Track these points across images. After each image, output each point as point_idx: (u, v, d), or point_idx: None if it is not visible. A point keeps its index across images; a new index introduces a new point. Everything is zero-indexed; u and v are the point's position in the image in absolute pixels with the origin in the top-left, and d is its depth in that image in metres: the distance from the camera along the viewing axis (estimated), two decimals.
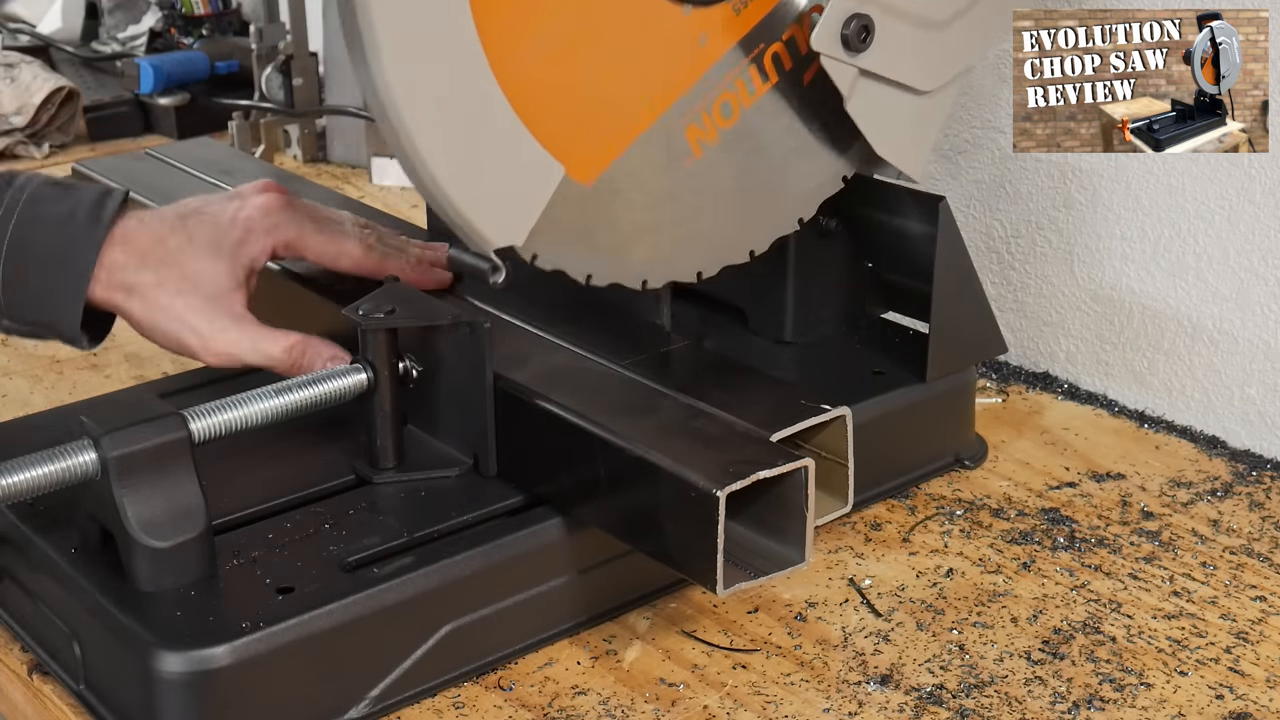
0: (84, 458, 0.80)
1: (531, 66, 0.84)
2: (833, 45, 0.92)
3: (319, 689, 0.80)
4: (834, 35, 0.92)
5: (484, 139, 0.82)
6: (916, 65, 0.97)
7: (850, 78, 0.94)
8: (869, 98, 0.95)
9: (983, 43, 0.99)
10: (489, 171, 0.82)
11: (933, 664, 0.86)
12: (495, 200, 0.83)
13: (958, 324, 1.03)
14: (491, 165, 0.82)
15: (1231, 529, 0.99)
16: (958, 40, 0.98)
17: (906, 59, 0.96)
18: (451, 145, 0.80)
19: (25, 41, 2.09)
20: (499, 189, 0.83)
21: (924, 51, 0.96)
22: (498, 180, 0.83)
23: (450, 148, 0.80)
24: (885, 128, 0.97)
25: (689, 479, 0.79)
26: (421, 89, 0.79)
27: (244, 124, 1.74)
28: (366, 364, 0.90)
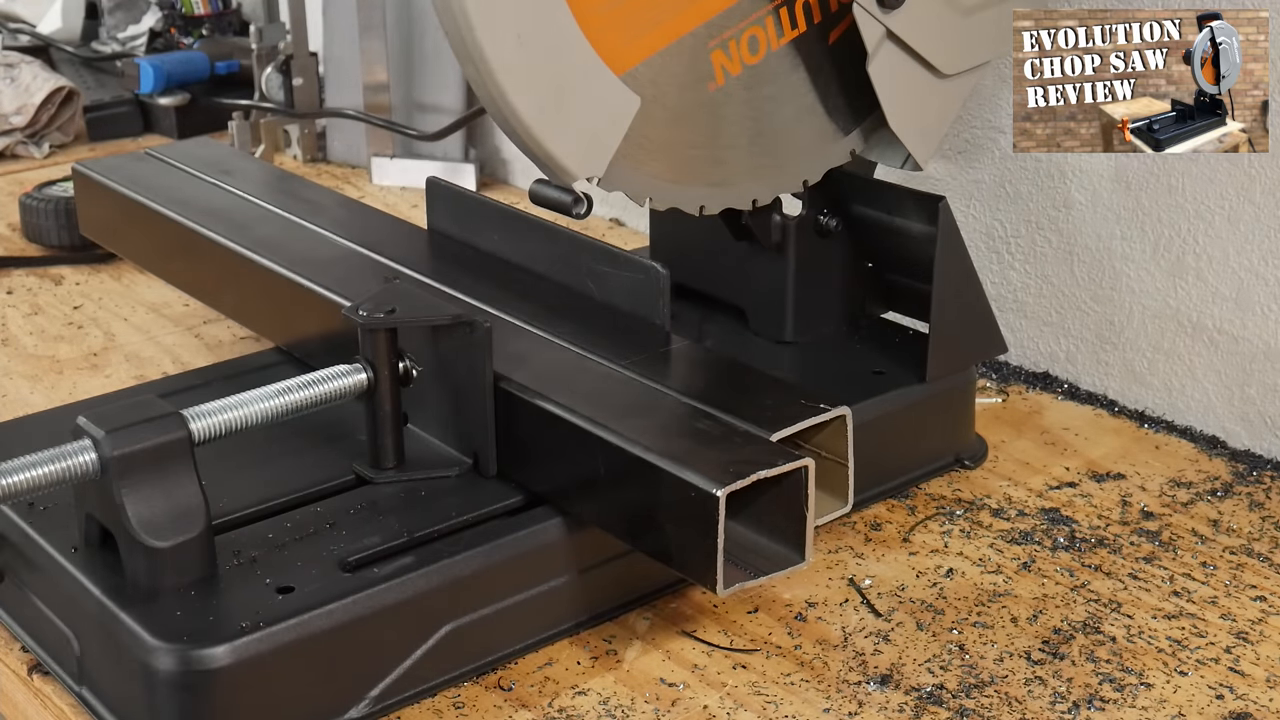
0: (84, 458, 0.80)
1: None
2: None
3: (319, 689, 0.80)
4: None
5: (563, 72, 0.83)
6: (941, 44, 0.98)
7: (878, 36, 0.95)
8: (891, 64, 0.97)
9: (1005, 39, 1.00)
10: (569, 105, 0.83)
11: (933, 664, 0.86)
12: (576, 133, 0.84)
13: (958, 324, 1.03)
14: (571, 99, 0.83)
15: (1231, 529, 0.99)
16: (983, 30, 0.99)
17: (933, 35, 0.97)
18: (532, 80, 0.82)
19: (25, 41, 2.09)
20: (579, 122, 0.84)
21: (950, 32, 0.98)
22: (578, 113, 0.84)
23: (531, 83, 0.81)
24: (901, 101, 0.98)
25: (689, 479, 0.79)
26: (501, 25, 0.80)
27: (244, 124, 1.74)
28: (366, 364, 0.90)
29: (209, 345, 1.29)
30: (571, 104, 0.83)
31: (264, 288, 1.10)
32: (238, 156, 1.42)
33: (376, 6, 1.67)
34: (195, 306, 1.34)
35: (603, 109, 0.85)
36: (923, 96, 0.99)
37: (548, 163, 0.85)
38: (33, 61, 1.84)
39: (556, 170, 0.85)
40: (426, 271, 1.08)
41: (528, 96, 0.82)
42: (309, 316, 1.04)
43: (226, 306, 1.21)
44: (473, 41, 0.80)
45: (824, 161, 1.00)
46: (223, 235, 1.15)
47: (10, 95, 1.77)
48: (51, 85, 1.78)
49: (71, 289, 1.42)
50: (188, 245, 1.18)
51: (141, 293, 1.40)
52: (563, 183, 0.86)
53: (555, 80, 0.83)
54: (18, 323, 1.34)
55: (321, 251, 1.12)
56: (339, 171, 1.75)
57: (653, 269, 0.96)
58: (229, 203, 1.23)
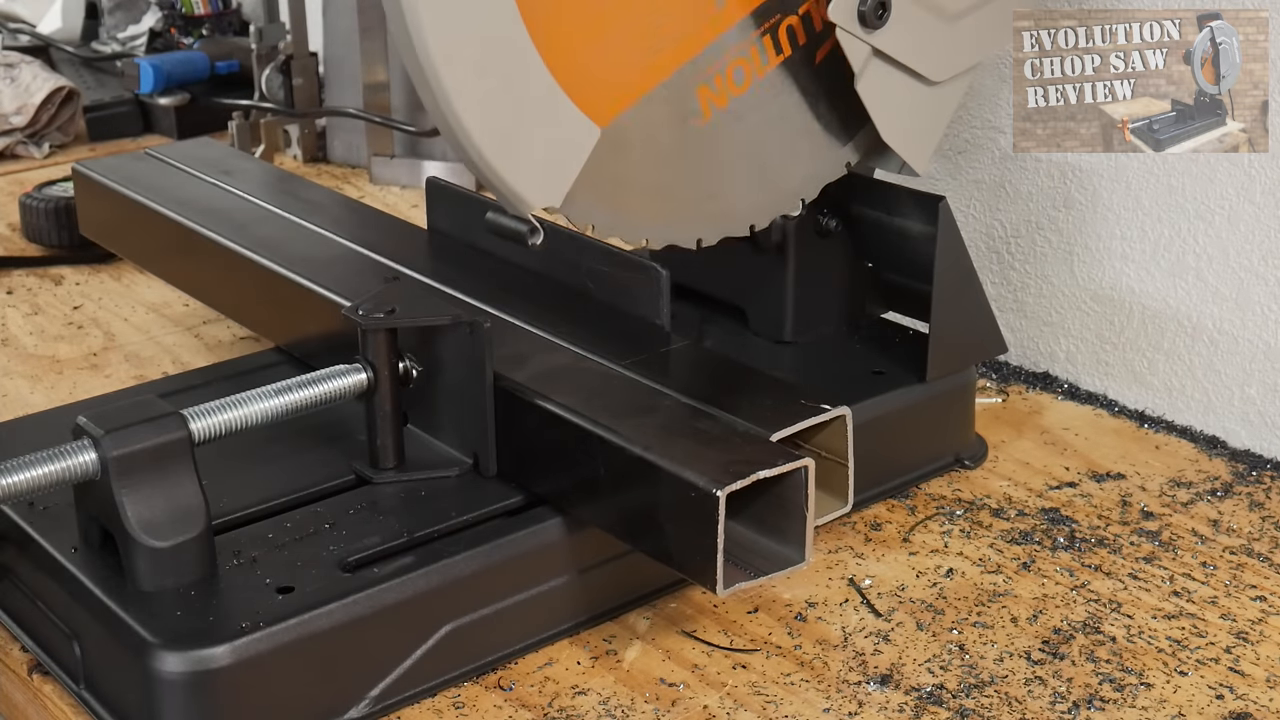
0: (84, 458, 0.80)
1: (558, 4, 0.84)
2: (849, 19, 0.93)
3: (319, 689, 0.80)
4: (851, 9, 0.92)
5: (521, 101, 0.82)
6: (929, 54, 0.97)
7: (863, 55, 0.95)
8: (879, 80, 0.96)
9: (995, 40, 1.00)
10: (526, 134, 0.83)
11: (933, 664, 0.86)
12: (533, 162, 0.83)
13: (958, 324, 1.03)
14: (529, 127, 0.83)
15: (1231, 529, 0.99)
16: (971, 34, 0.98)
17: (919, 45, 0.96)
18: (490, 109, 0.81)
19: (25, 41, 2.09)
20: (536, 151, 0.83)
21: (937, 41, 0.97)
22: (535, 142, 0.83)
23: (488, 111, 0.81)
24: (893, 113, 0.98)
25: (689, 479, 0.79)
26: (460, 53, 0.79)
27: (244, 124, 1.74)
28: (366, 364, 0.90)
29: (209, 345, 1.29)
30: (529, 133, 0.82)
31: (264, 288, 1.10)
32: (238, 156, 1.42)
33: (376, 6, 1.67)
34: (195, 306, 1.34)
35: (561, 139, 0.84)
36: (914, 106, 0.98)
37: (503, 191, 0.83)
38: (33, 61, 1.84)
39: (512, 199, 0.84)
40: (426, 271, 1.08)
41: (484, 125, 0.81)
42: (309, 316, 1.04)
43: (226, 306, 1.21)
44: (430, 69, 0.78)
45: (820, 178, 1.00)
46: (223, 235, 1.15)
47: (10, 95, 1.77)
48: (51, 85, 1.78)
49: (71, 289, 1.42)
50: (188, 245, 1.18)
51: (141, 293, 1.40)
52: (518, 212, 0.85)
53: (513, 109, 0.82)
54: (18, 323, 1.34)
55: (321, 251, 1.12)
56: (339, 171, 1.75)
57: (653, 269, 0.96)
58: (229, 203, 1.23)
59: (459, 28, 0.79)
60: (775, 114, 0.96)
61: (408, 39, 0.78)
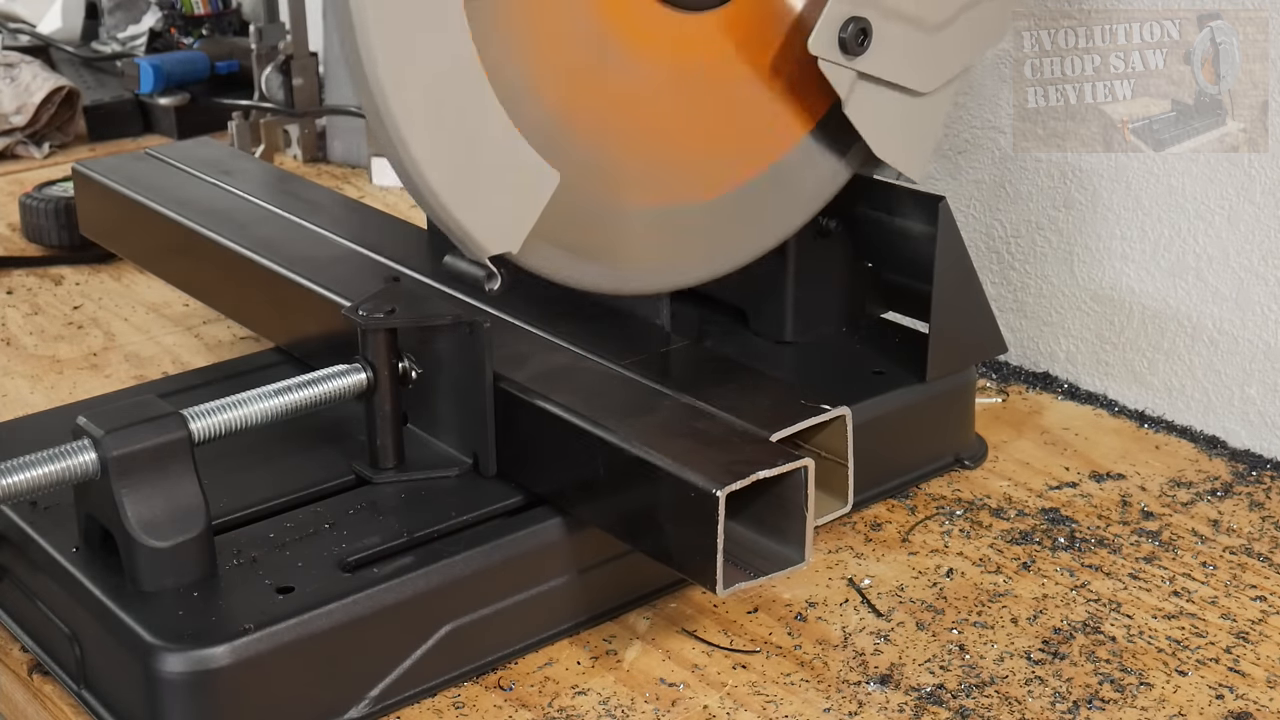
0: (84, 458, 0.80)
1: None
2: (830, 49, 0.92)
3: (319, 689, 0.80)
4: (831, 39, 0.92)
5: (479, 145, 0.81)
6: (915, 67, 0.96)
7: (848, 81, 0.94)
8: (867, 100, 0.95)
9: (981, 43, 0.99)
10: (484, 178, 0.82)
11: (933, 664, 0.86)
12: (490, 207, 0.82)
13: (958, 324, 1.03)
14: (487, 172, 0.82)
15: (1231, 529, 0.99)
16: (956, 41, 0.97)
17: (904, 61, 0.96)
18: (447, 152, 0.80)
19: (25, 41, 2.09)
20: (494, 196, 0.82)
21: (922, 53, 0.96)
22: (493, 187, 0.82)
23: (445, 154, 0.80)
24: (884, 130, 0.97)
25: (689, 479, 0.79)
26: (417, 95, 0.78)
27: (244, 124, 1.74)
28: (366, 364, 0.90)
29: (209, 345, 1.29)
30: (487, 177, 0.81)
31: (264, 288, 1.10)
32: (238, 156, 1.42)
33: None
34: (195, 306, 1.34)
35: (520, 183, 0.83)
36: (905, 119, 0.98)
37: (460, 235, 0.82)
38: (33, 61, 1.84)
39: (469, 243, 0.83)
40: (426, 271, 1.08)
41: (441, 168, 0.80)
42: (309, 316, 1.04)
43: (226, 306, 1.21)
44: (386, 110, 0.77)
45: (821, 198, 1.00)
46: (223, 235, 1.15)
47: (10, 95, 1.77)
48: (51, 85, 1.78)
49: (71, 289, 1.42)
50: (188, 245, 1.18)
51: (141, 293, 1.40)
52: (475, 256, 0.84)
53: (470, 153, 0.81)
54: (18, 323, 1.34)
55: (321, 251, 1.12)
56: (339, 171, 1.75)
57: None
58: (229, 203, 1.23)
59: (415, 72, 0.78)
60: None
61: (364, 80, 0.77)
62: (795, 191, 0.98)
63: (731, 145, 0.96)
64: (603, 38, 0.87)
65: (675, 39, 0.90)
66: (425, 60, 0.78)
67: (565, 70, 0.86)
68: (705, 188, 0.95)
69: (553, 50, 0.85)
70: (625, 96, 0.89)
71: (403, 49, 0.77)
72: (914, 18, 0.95)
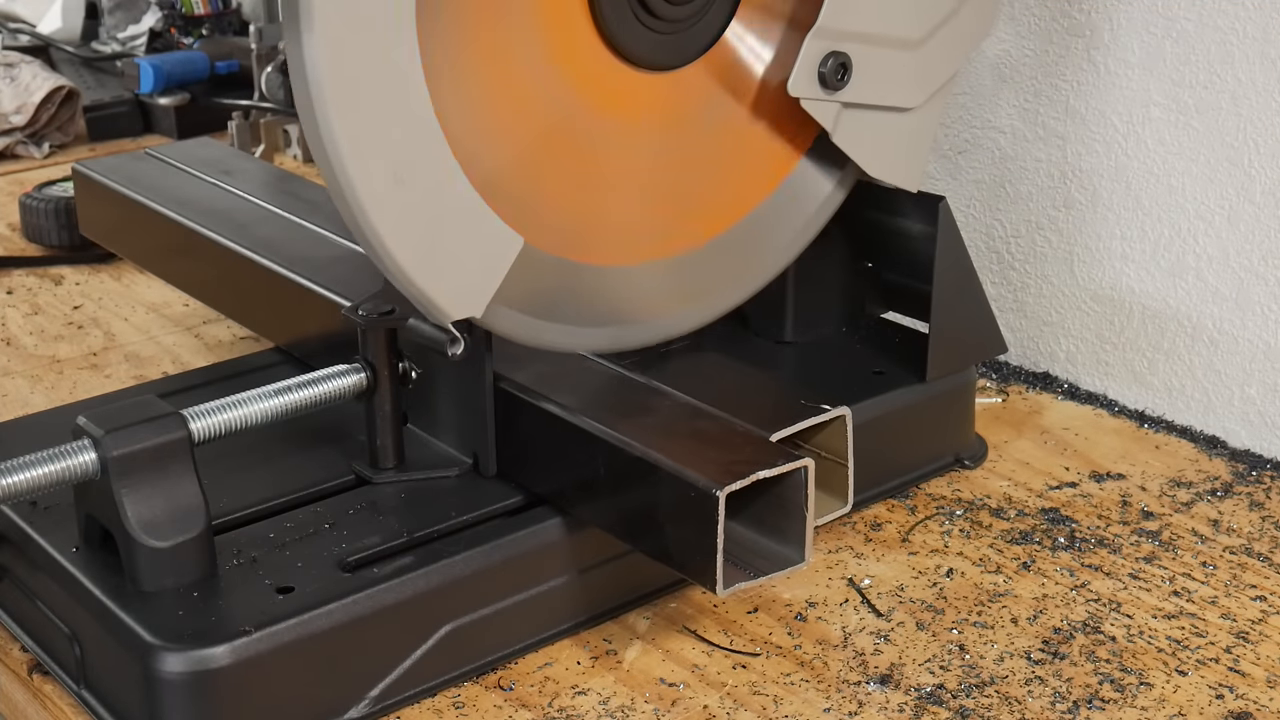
0: (84, 458, 0.80)
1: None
2: (810, 88, 0.91)
3: (319, 689, 0.80)
4: (811, 77, 0.91)
5: (442, 213, 0.80)
6: (900, 85, 0.96)
7: (833, 113, 0.93)
8: (855, 126, 0.95)
9: (965, 50, 0.98)
10: (447, 245, 0.81)
11: (933, 664, 0.86)
12: (453, 274, 0.81)
13: (958, 324, 1.03)
14: (449, 239, 0.81)
15: (1231, 529, 0.99)
16: (940, 51, 0.97)
17: (889, 81, 0.95)
18: (409, 221, 0.79)
19: (25, 41, 2.09)
20: (457, 263, 0.81)
21: (906, 70, 0.95)
22: (456, 254, 0.81)
23: (407, 224, 0.79)
24: (876, 151, 0.97)
25: (689, 479, 0.79)
26: (378, 165, 0.77)
27: (244, 124, 1.74)
28: (366, 364, 0.90)
29: (209, 345, 1.29)
30: (450, 244, 0.80)
31: (264, 288, 1.10)
32: (238, 156, 1.42)
33: None
34: (195, 306, 1.34)
35: (483, 249, 0.82)
36: (896, 136, 0.97)
37: (423, 302, 0.82)
38: (33, 61, 1.84)
39: (431, 310, 0.82)
40: None
41: (403, 237, 0.79)
42: (309, 316, 1.04)
43: (226, 306, 1.21)
44: (346, 182, 0.76)
45: (819, 223, 1.00)
46: (223, 235, 1.15)
47: (10, 95, 1.77)
48: (51, 85, 1.78)
49: (71, 289, 1.42)
50: (188, 245, 1.18)
51: (141, 293, 1.40)
52: (438, 321, 0.84)
53: (433, 221, 0.80)
54: (18, 323, 1.34)
55: (321, 251, 1.12)
56: None
57: None
58: (229, 203, 1.23)
59: (375, 139, 0.76)
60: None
61: (321, 149, 0.76)
62: (791, 221, 0.98)
63: (715, 191, 0.95)
64: (566, 102, 0.87)
65: (643, 97, 0.90)
66: (385, 130, 0.77)
67: (528, 135, 0.86)
68: (688, 237, 0.95)
69: (515, 116, 0.85)
70: (592, 158, 0.89)
71: (362, 119, 0.76)
72: (894, 39, 0.94)
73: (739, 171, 0.96)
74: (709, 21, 0.91)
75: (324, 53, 0.73)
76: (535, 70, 0.85)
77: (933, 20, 0.95)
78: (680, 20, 0.89)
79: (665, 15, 0.87)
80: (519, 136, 0.85)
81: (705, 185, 0.95)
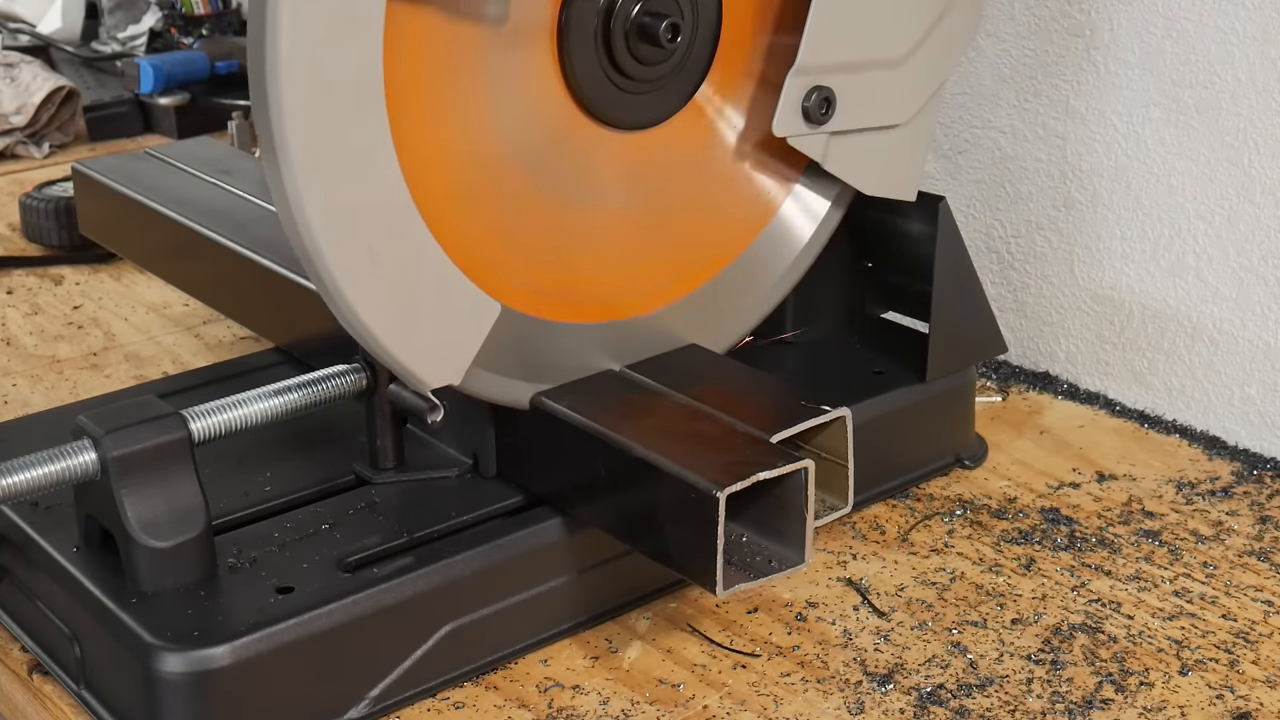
0: (84, 458, 0.80)
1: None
2: (795, 125, 0.91)
3: (319, 689, 0.80)
4: (795, 115, 0.91)
5: (417, 285, 0.79)
6: (887, 105, 0.95)
7: (822, 144, 0.93)
8: (846, 151, 0.94)
9: (953, 57, 0.97)
10: (424, 316, 0.80)
11: (933, 664, 0.86)
12: (430, 343, 0.81)
13: (958, 324, 1.03)
14: (426, 310, 0.80)
15: (1232, 529, 0.99)
16: (925, 65, 0.96)
17: (874, 104, 0.94)
18: (385, 295, 0.78)
19: (25, 41, 2.09)
20: (435, 332, 0.81)
21: (892, 89, 0.95)
22: (432, 323, 0.81)
23: (383, 298, 0.78)
24: (867, 171, 0.96)
25: (689, 479, 0.79)
26: (351, 242, 0.76)
27: (244, 124, 1.72)
28: (366, 364, 0.90)
29: (209, 345, 1.29)
30: (426, 315, 0.80)
31: (264, 288, 1.10)
32: (238, 156, 1.42)
33: None
34: (195, 306, 1.34)
35: (460, 318, 0.82)
36: (888, 153, 0.97)
37: (402, 373, 0.81)
38: (33, 61, 1.84)
39: (411, 379, 0.82)
40: None
41: (380, 311, 0.78)
42: (309, 316, 1.04)
43: (226, 306, 1.21)
44: (320, 261, 0.76)
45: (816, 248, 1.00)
46: (223, 235, 1.15)
47: (10, 95, 1.77)
48: (51, 85, 1.78)
49: (71, 289, 1.42)
50: (188, 245, 1.18)
51: (141, 293, 1.40)
52: (418, 390, 0.83)
53: (409, 293, 0.79)
54: (18, 323, 1.34)
55: None
56: None
57: None
58: (229, 203, 1.23)
59: (347, 218, 0.76)
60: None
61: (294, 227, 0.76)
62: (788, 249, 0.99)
63: (700, 240, 0.95)
64: (540, 165, 0.87)
65: (619, 156, 0.90)
66: (357, 209, 0.76)
67: (503, 199, 0.85)
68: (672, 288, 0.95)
69: (489, 182, 0.84)
70: (568, 218, 0.89)
71: (333, 199, 0.75)
72: (876, 61, 0.93)
73: (725, 217, 0.96)
74: (683, 80, 0.91)
75: (294, 132, 0.73)
76: (508, 135, 0.85)
77: (915, 35, 0.94)
78: (653, 80, 0.89)
79: (637, 75, 0.88)
80: (494, 201, 0.85)
81: (688, 236, 0.95)
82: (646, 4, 0.85)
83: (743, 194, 0.96)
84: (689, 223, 0.95)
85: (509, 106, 0.84)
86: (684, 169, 0.93)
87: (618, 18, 0.85)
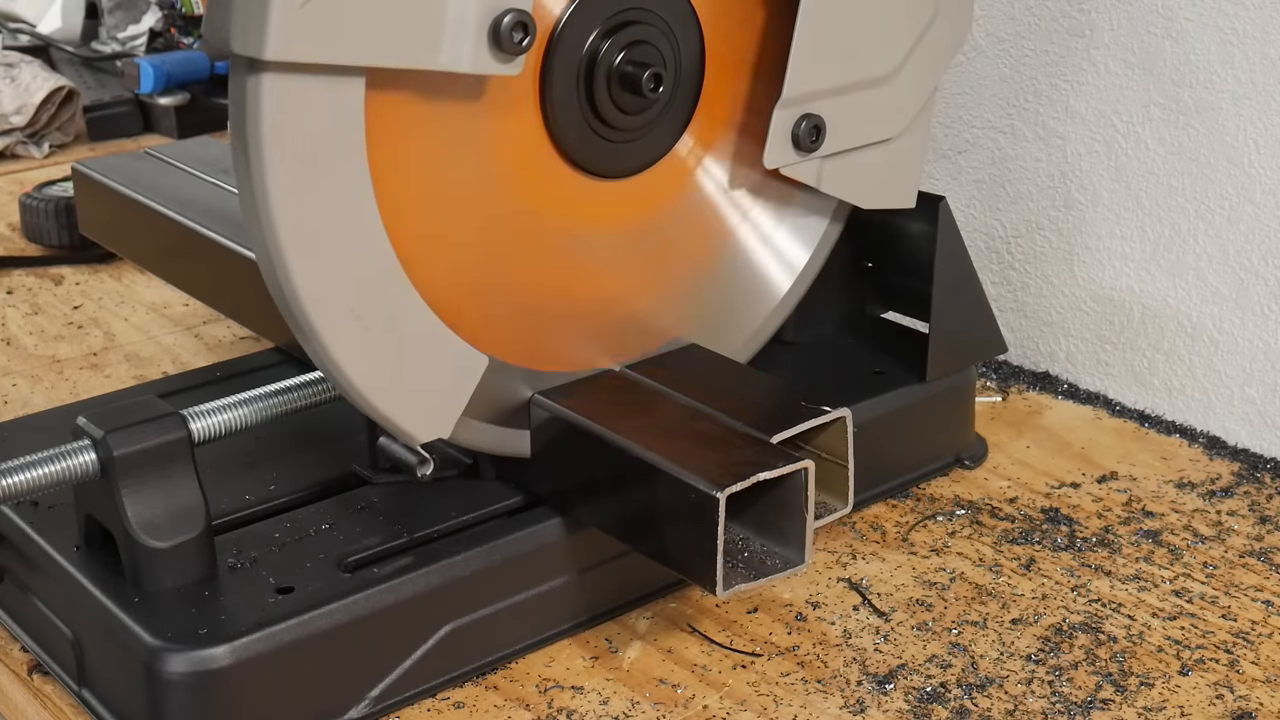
0: (84, 458, 0.80)
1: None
2: (786, 156, 0.91)
3: (319, 689, 0.80)
4: (785, 145, 0.90)
5: (403, 342, 0.79)
6: (876, 121, 0.94)
7: (815, 169, 0.93)
8: (839, 173, 0.94)
9: (942, 64, 0.97)
10: (410, 372, 0.80)
11: (933, 664, 0.86)
12: (419, 399, 0.81)
13: (958, 324, 1.03)
14: (412, 366, 0.80)
15: (1232, 529, 0.99)
16: (914, 78, 0.95)
17: (864, 122, 0.94)
18: (371, 354, 0.78)
19: (25, 41, 2.09)
20: (422, 386, 0.81)
21: (881, 105, 0.94)
22: (420, 379, 0.81)
23: (369, 356, 0.78)
24: (863, 186, 0.96)
25: (689, 480, 0.79)
26: (335, 302, 0.76)
27: None
28: None
29: (209, 345, 1.29)
30: (413, 371, 0.80)
31: (264, 287, 1.10)
32: None
33: None
34: (195, 306, 1.34)
35: (446, 371, 0.81)
36: (883, 167, 0.96)
37: (392, 429, 0.81)
38: (33, 61, 1.84)
39: (401, 434, 0.82)
40: None
41: (366, 370, 0.78)
42: None
43: (226, 306, 1.21)
44: (305, 321, 0.76)
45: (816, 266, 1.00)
46: (223, 235, 1.15)
47: (10, 95, 1.77)
48: (51, 85, 1.78)
49: (71, 289, 1.42)
50: (188, 245, 1.18)
51: (141, 293, 1.40)
52: (407, 443, 0.83)
53: (394, 350, 0.79)
54: (18, 323, 1.34)
55: None
56: None
57: None
58: (229, 203, 1.23)
59: (331, 278, 0.76)
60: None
61: (278, 289, 0.75)
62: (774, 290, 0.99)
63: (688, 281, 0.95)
64: (525, 217, 0.86)
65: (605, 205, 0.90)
66: (341, 269, 0.76)
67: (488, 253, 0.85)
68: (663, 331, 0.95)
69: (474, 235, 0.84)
70: (556, 268, 0.89)
71: (317, 260, 0.75)
72: (864, 81, 0.92)
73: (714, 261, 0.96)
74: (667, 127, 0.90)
75: (277, 195, 0.72)
76: (492, 190, 0.84)
77: (902, 50, 0.93)
78: (636, 129, 0.88)
79: (620, 125, 0.87)
80: (479, 255, 0.85)
81: (677, 278, 0.95)
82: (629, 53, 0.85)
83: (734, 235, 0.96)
84: (684, 260, 0.94)
85: (492, 163, 0.84)
86: (680, 209, 0.93)
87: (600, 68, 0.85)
